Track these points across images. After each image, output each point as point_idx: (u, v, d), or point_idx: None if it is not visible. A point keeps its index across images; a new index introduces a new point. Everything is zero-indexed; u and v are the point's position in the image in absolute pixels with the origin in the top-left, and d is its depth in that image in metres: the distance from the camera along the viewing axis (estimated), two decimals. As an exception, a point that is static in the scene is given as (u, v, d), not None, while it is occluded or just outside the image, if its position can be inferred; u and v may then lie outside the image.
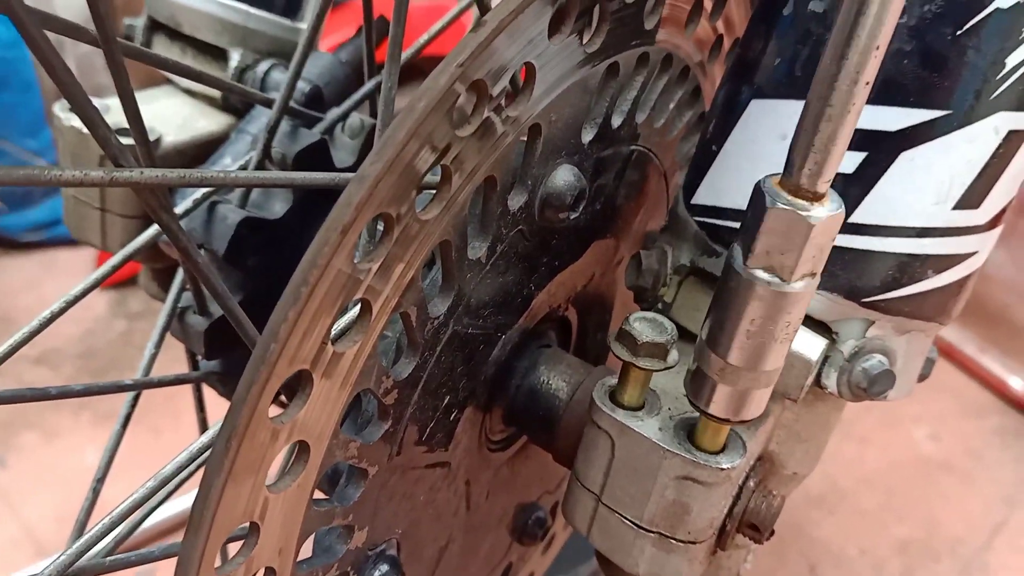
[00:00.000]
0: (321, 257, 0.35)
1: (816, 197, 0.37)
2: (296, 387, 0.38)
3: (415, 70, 0.67)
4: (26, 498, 1.17)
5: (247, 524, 0.39)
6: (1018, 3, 0.45)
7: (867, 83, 0.35)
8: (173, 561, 0.39)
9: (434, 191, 0.41)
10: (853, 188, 0.48)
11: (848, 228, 0.48)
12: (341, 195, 0.36)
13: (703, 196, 0.53)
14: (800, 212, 0.37)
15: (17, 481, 1.19)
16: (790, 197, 0.37)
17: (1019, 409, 1.52)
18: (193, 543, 0.36)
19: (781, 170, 0.49)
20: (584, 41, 0.47)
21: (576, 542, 0.78)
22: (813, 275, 0.39)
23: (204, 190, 0.57)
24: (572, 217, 0.50)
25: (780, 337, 0.40)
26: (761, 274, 0.38)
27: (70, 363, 1.39)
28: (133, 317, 1.51)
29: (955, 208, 0.48)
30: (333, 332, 0.38)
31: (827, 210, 0.37)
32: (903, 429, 1.45)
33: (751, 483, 0.49)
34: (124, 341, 1.46)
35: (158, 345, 0.59)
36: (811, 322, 0.49)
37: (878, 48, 0.34)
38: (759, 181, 0.38)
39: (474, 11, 0.77)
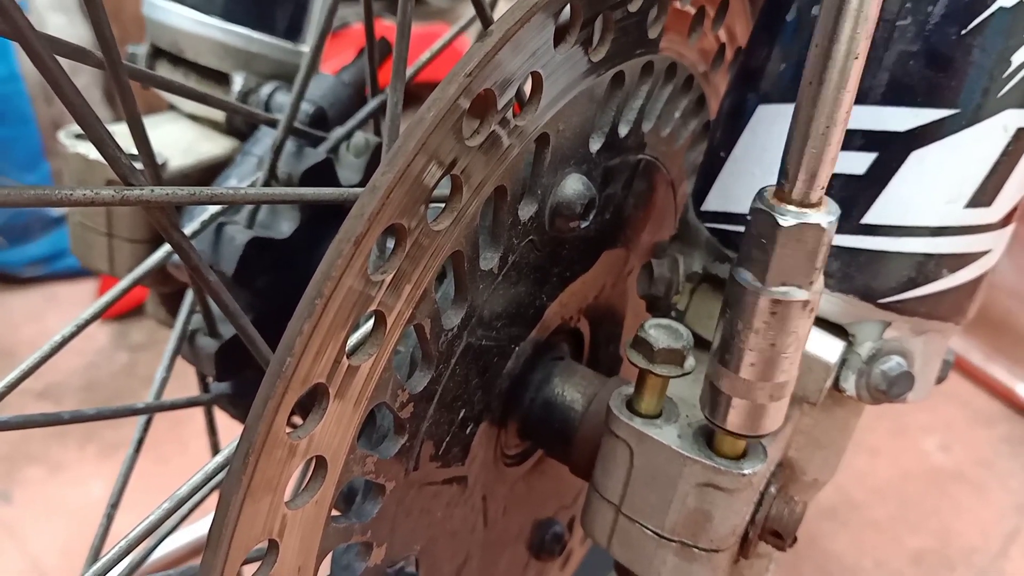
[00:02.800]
0: (335, 269, 0.35)
1: (814, 204, 0.37)
2: (311, 403, 0.38)
3: (410, 96, 0.67)
4: (32, 532, 1.16)
5: (265, 544, 0.38)
6: (1021, 1, 0.45)
7: (851, 90, 0.35)
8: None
9: (443, 204, 0.41)
10: (865, 189, 0.47)
11: (862, 229, 0.48)
12: (353, 207, 0.36)
13: (713, 202, 0.53)
14: (801, 221, 0.37)
15: (23, 515, 1.18)
16: (789, 207, 0.37)
17: (1028, 416, 1.52)
18: (212, 562, 0.35)
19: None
20: (589, 50, 0.47)
21: (593, 558, 0.78)
22: (817, 282, 0.39)
23: (211, 212, 0.57)
24: (582, 226, 0.49)
25: (791, 347, 0.40)
26: (766, 287, 0.38)
27: (73, 396, 1.39)
28: (135, 349, 1.51)
29: (967, 206, 0.48)
30: (348, 346, 0.37)
31: (827, 216, 0.37)
32: (913, 439, 1.45)
33: (772, 489, 0.49)
34: (127, 373, 1.46)
35: (169, 368, 0.58)
36: (828, 325, 0.49)
37: (858, 57, 0.35)
38: (756, 195, 0.39)
39: (469, 33, 0.77)
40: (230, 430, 0.58)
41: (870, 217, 0.48)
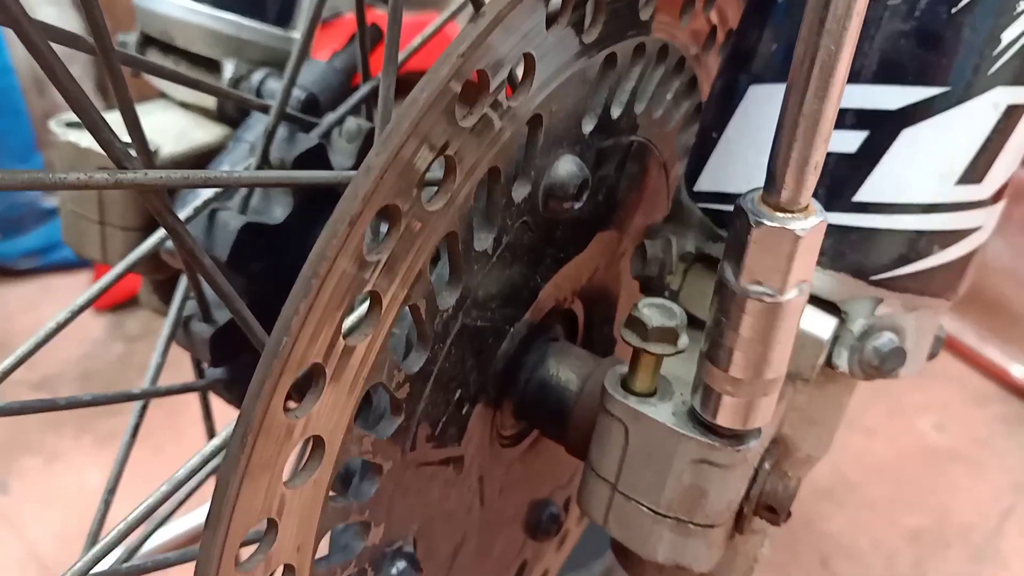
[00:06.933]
0: (330, 249, 0.35)
1: (800, 209, 0.37)
2: (308, 384, 0.38)
3: (401, 86, 0.67)
4: (29, 521, 1.16)
5: (263, 525, 0.39)
6: (1010, -21, 0.45)
7: (837, 98, 0.35)
8: (190, 567, 0.38)
9: (437, 187, 0.41)
10: (857, 168, 0.48)
11: (854, 207, 0.48)
12: (347, 188, 0.36)
13: (706, 183, 0.53)
14: (786, 227, 0.37)
15: (20, 505, 1.18)
16: (775, 212, 0.37)
17: (1022, 397, 1.53)
18: (212, 540, 0.35)
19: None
20: (581, 32, 0.47)
21: (588, 539, 0.78)
22: (804, 282, 0.39)
23: (204, 198, 0.57)
24: (576, 207, 0.50)
25: (779, 345, 0.40)
26: (753, 288, 0.39)
27: (69, 387, 1.39)
28: (131, 339, 1.51)
29: (958, 183, 0.48)
30: (344, 327, 0.38)
31: (812, 221, 0.37)
32: (909, 419, 1.45)
33: (766, 465, 0.49)
34: (122, 363, 1.46)
35: (164, 354, 0.58)
36: (820, 302, 0.49)
37: (842, 67, 0.34)
38: (740, 198, 0.38)
39: (460, 20, 0.77)
40: (226, 416, 0.58)
41: (862, 195, 0.48)
